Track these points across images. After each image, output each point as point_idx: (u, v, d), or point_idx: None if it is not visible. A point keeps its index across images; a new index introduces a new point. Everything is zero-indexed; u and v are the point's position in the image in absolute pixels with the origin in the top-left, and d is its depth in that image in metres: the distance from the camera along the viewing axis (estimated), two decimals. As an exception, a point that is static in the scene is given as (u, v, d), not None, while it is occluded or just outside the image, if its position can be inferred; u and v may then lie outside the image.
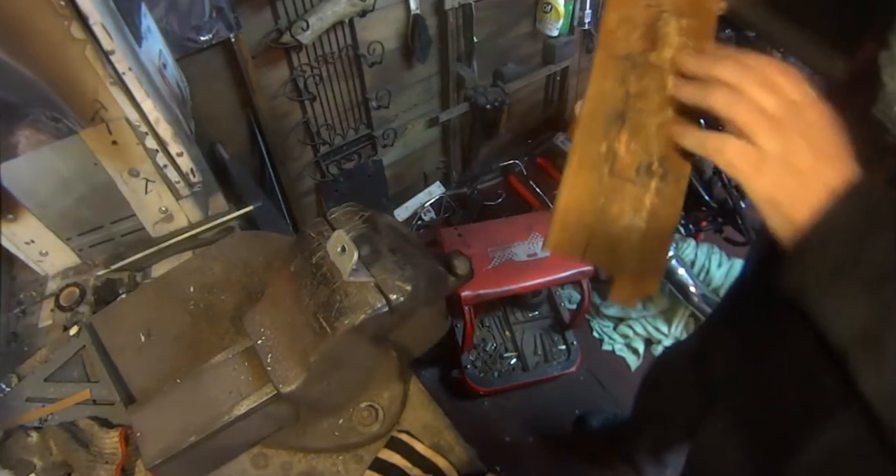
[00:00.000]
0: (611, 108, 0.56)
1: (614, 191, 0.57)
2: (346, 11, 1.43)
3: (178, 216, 0.98)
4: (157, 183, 0.90)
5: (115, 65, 0.73)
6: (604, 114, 0.57)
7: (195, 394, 0.67)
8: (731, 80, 0.46)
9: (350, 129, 1.76)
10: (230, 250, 0.90)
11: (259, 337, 0.67)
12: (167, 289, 0.87)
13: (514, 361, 1.78)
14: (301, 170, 1.77)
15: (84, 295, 0.92)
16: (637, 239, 0.57)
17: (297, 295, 0.64)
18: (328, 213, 0.67)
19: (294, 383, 0.64)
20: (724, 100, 0.46)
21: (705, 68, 0.48)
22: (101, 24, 0.69)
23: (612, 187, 0.57)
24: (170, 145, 0.86)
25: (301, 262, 0.65)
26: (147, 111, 0.80)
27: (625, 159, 0.56)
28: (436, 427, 0.76)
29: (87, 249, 0.97)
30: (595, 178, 0.57)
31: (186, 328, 0.82)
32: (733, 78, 0.46)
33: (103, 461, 0.73)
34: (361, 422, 0.74)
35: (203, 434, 0.65)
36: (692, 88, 0.49)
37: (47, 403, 0.77)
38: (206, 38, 1.24)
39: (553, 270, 1.54)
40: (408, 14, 1.62)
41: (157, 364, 0.78)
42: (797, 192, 0.45)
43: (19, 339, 0.90)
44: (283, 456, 0.74)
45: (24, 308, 0.94)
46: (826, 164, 0.45)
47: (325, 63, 1.53)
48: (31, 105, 0.75)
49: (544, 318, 1.86)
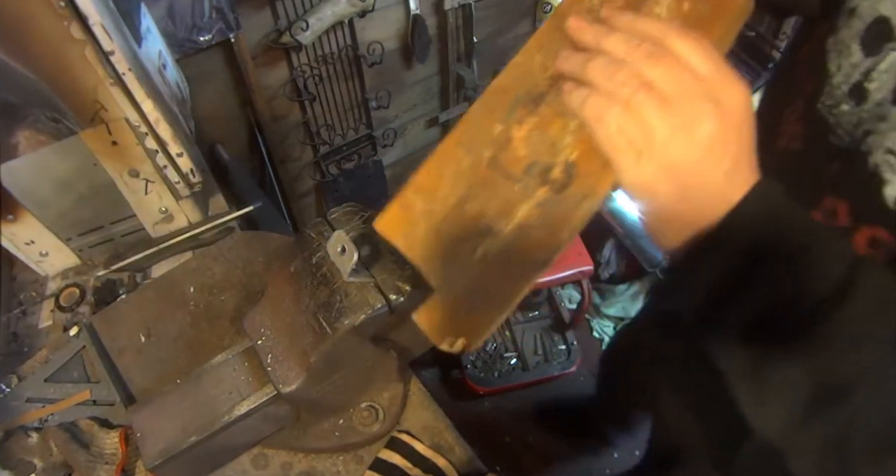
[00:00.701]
0: (529, 86, 0.43)
1: (484, 185, 0.44)
2: (346, 12, 1.43)
3: (178, 216, 0.98)
4: (156, 183, 0.90)
5: (115, 65, 0.73)
6: (516, 90, 0.44)
7: (195, 394, 0.67)
8: (615, 50, 0.36)
9: (350, 129, 1.76)
10: (230, 250, 0.90)
11: (259, 337, 0.67)
12: (167, 289, 0.87)
13: (514, 361, 1.78)
14: (301, 170, 1.77)
15: (84, 295, 0.92)
16: (487, 254, 0.44)
17: (297, 295, 0.64)
18: (328, 213, 0.67)
19: (294, 383, 0.64)
20: (602, 72, 0.36)
21: (596, 36, 0.38)
22: (101, 25, 0.69)
23: (484, 180, 0.44)
24: (170, 146, 0.86)
25: (301, 263, 0.65)
26: (147, 112, 0.80)
27: (518, 151, 0.43)
28: (436, 427, 0.76)
29: (87, 250, 0.97)
30: (468, 162, 0.45)
31: (186, 328, 0.82)
32: (619, 48, 0.36)
33: (103, 461, 0.73)
34: (361, 422, 0.74)
35: (203, 434, 0.65)
36: (572, 61, 0.38)
37: (47, 404, 0.76)
38: (205, 39, 1.24)
39: (553, 270, 1.54)
40: (407, 14, 1.62)
41: (157, 364, 0.78)
42: (684, 197, 0.36)
43: (19, 340, 0.90)
44: (283, 456, 0.74)
45: (25, 309, 0.94)
46: (730, 165, 0.35)
47: (324, 63, 1.53)
48: (31, 105, 0.75)
49: (544, 318, 1.86)
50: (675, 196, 0.36)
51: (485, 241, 0.44)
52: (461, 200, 0.45)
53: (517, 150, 0.44)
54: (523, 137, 0.43)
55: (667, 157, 0.35)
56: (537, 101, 0.43)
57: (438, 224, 0.46)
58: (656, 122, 0.34)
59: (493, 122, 0.44)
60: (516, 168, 0.43)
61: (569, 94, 0.38)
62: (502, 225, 0.44)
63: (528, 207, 0.43)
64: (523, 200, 0.43)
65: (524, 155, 0.43)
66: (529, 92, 0.44)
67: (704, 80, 0.34)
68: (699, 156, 0.34)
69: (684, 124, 0.34)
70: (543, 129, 0.43)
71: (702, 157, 0.34)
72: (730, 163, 0.35)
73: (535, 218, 0.43)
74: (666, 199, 0.36)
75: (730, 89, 0.35)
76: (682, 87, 0.34)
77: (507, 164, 0.44)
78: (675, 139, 0.34)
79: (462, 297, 0.45)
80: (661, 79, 0.34)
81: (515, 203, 0.43)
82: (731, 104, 0.34)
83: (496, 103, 0.45)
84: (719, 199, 0.36)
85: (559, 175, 0.42)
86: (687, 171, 0.35)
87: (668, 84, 0.34)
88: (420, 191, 0.47)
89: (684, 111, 0.34)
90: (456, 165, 0.45)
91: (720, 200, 0.36)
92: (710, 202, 0.36)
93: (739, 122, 0.35)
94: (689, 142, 0.34)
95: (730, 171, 0.35)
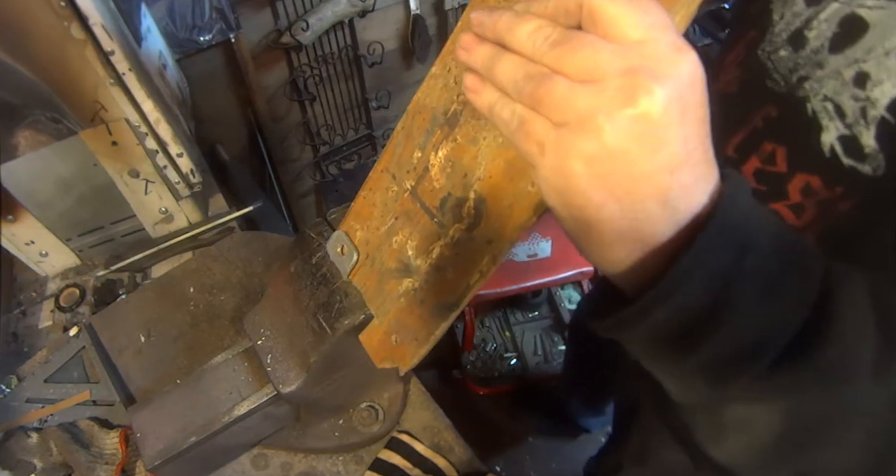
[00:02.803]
0: (446, 101, 0.36)
1: (408, 217, 0.40)
2: (346, 12, 1.43)
3: (178, 217, 0.98)
4: (156, 184, 0.90)
5: (115, 65, 0.73)
6: (434, 108, 0.37)
7: (195, 394, 0.67)
8: (516, 44, 0.29)
9: (350, 129, 1.76)
10: (230, 251, 0.90)
11: (259, 337, 0.67)
12: (167, 289, 0.87)
13: (514, 362, 1.78)
14: (301, 170, 1.77)
15: (84, 296, 0.92)
16: (407, 292, 0.42)
17: (297, 295, 0.64)
18: (328, 214, 0.67)
19: (294, 384, 0.64)
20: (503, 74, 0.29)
21: (496, 29, 0.30)
22: (101, 25, 0.69)
23: (408, 212, 0.40)
24: (170, 146, 0.86)
25: (301, 263, 0.65)
26: (147, 112, 0.80)
27: (434, 181, 0.38)
28: (436, 427, 0.76)
29: (87, 250, 0.97)
30: (394, 192, 0.41)
31: (186, 329, 0.82)
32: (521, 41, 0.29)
33: (103, 462, 0.73)
34: (361, 422, 0.74)
35: (203, 435, 0.65)
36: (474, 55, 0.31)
37: (47, 404, 0.77)
38: (206, 39, 1.24)
39: (553, 271, 1.54)
40: (408, 14, 1.62)
41: (157, 365, 0.78)
42: (618, 205, 0.28)
43: (19, 340, 0.90)
44: (282, 456, 0.74)
45: (24, 309, 0.94)
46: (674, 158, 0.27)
47: (324, 63, 1.53)
48: (32, 106, 0.75)
49: (544, 318, 1.86)
50: (601, 202, 0.28)
51: (405, 279, 0.41)
52: (389, 232, 0.42)
53: (434, 181, 0.38)
54: (440, 167, 0.38)
55: (581, 151, 0.27)
56: (452, 122, 0.37)
57: (372, 254, 0.44)
58: (563, 113, 0.27)
59: (413, 147, 0.39)
60: (433, 201, 0.39)
61: (473, 95, 0.31)
62: (420, 263, 0.40)
63: (443, 246, 0.39)
64: (440, 238, 0.39)
65: (440, 187, 0.38)
66: (446, 109, 0.37)
67: (634, 51, 0.26)
68: (626, 147, 0.26)
69: (604, 107, 0.26)
70: (457, 158, 0.37)
71: (630, 148, 0.27)
72: (674, 155, 0.27)
73: (448, 258, 0.39)
74: (592, 209, 0.28)
75: (671, 59, 0.26)
76: (600, 66, 0.26)
77: (425, 197, 0.39)
78: (589, 128, 0.27)
79: (390, 328, 0.44)
80: (572, 67, 0.27)
81: (433, 240, 0.39)
82: (672, 77, 0.26)
83: (416, 124, 0.39)
84: (665, 206, 0.28)
85: (470, 212, 0.37)
86: (611, 167, 0.27)
87: (581, 70, 0.27)
88: (357, 218, 0.45)
89: (602, 93, 0.26)
90: (384, 194, 0.42)
91: (666, 206, 0.28)
92: (654, 209, 0.28)
93: (683, 102, 0.27)
94: (612, 131, 0.26)
95: (676, 166, 0.27)
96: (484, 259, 0.37)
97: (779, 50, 0.46)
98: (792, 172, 0.46)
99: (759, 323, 0.30)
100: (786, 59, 0.45)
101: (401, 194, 0.41)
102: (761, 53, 0.47)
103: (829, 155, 0.42)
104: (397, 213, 0.41)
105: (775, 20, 0.46)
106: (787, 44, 0.46)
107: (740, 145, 0.50)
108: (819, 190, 0.44)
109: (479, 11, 0.30)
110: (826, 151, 0.42)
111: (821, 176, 0.44)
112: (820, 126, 0.43)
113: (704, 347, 0.30)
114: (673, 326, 0.30)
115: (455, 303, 0.39)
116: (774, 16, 0.46)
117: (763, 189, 0.48)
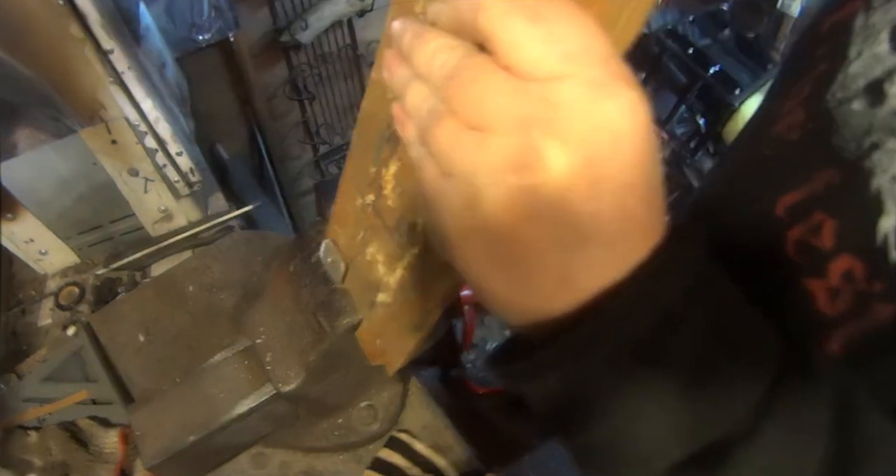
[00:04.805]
0: (387, 114, 0.31)
1: (375, 231, 0.38)
2: (345, 11, 1.43)
3: (178, 215, 0.98)
4: (156, 182, 0.90)
5: (115, 64, 0.73)
6: (379, 118, 0.34)
7: (194, 393, 0.67)
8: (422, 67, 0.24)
9: (350, 128, 1.76)
10: (229, 250, 0.90)
11: (258, 336, 0.67)
12: (166, 288, 0.86)
13: (513, 361, 1.78)
14: (300, 169, 1.77)
15: (83, 294, 0.92)
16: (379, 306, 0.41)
17: (297, 294, 0.64)
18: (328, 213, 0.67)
19: (293, 383, 0.63)
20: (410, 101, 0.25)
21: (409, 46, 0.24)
22: (100, 23, 0.69)
23: (373, 226, 0.38)
24: (169, 145, 0.85)
25: (300, 262, 0.65)
26: (146, 111, 0.80)
27: (388, 200, 0.35)
28: (435, 427, 0.76)
29: (87, 248, 0.96)
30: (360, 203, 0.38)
31: (186, 327, 0.82)
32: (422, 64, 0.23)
33: (102, 461, 0.73)
34: (361, 421, 0.74)
35: (202, 433, 0.64)
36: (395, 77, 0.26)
37: (46, 403, 0.76)
38: (205, 38, 1.24)
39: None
40: (407, 13, 1.62)
41: (156, 363, 0.78)
42: (507, 287, 0.24)
43: (18, 339, 0.90)
44: (282, 455, 0.74)
45: (24, 307, 0.94)
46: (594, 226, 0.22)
47: (324, 62, 1.53)
48: (31, 104, 0.75)
49: (544, 317, 1.86)
50: (484, 273, 0.24)
51: (379, 292, 0.40)
52: (363, 242, 0.40)
53: (388, 199, 0.35)
54: (392, 186, 0.35)
55: (458, 215, 0.23)
56: (395, 139, 0.33)
57: (352, 262, 0.43)
58: (448, 164, 0.22)
59: (368, 160, 0.36)
60: (391, 221, 0.36)
61: (399, 128, 0.26)
62: (389, 279, 0.38)
63: (404, 267, 0.36)
64: (403, 257, 0.36)
65: (395, 207, 0.35)
66: (389, 122, 0.32)
67: (535, 94, 0.20)
68: (505, 220, 0.21)
69: (484, 168, 0.21)
70: (404, 179, 0.34)
71: (511, 223, 0.21)
72: (573, 234, 0.22)
73: (408, 281, 0.37)
74: (475, 276, 0.24)
75: (585, 108, 0.20)
76: (488, 112, 0.21)
77: (384, 214, 0.36)
78: (468, 190, 0.22)
79: (375, 332, 0.45)
80: (461, 106, 0.21)
81: (397, 259, 0.37)
82: (581, 135, 0.20)
83: (367, 134, 0.35)
84: (562, 284, 0.23)
85: (421, 238, 0.34)
86: (489, 236, 0.22)
87: (470, 113, 0.21)
88: (338, 223, 0.44)
89: (485, 149, 0.21)
90: (352, 204, 0.39)
91: (563, 285, 0.23)
92: (548, 287, 0.23)
93: (594, 170, 0.20)
94: (492, 199, 0.21)
95: (576, 245, 0.22)
96: (439, 289, 0.34)
97: (852, 101, 0.37)
98: (836, 251, 0.38)
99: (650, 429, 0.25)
100: (859, 115, 0.37)
101: (365, 207, 0.38)
102: (830, 99, 0.38)
103: (881, 243, 0.35)
104: (366, 225, 0.39)
105: (851, 57, 0.37)
106: (862, 95, 0.37)
107: (793, 208, 0.42)
108: (859, 280, 0.37)
109: (397, 22, 0.25)
110: (879, 239, 0.35)
111: (864, 264, 0.36)
112: (882, 208, 0.35)
113: (588, 432, 0.25)
114: (561, 399, 0.25)
115: (419, 325, 0.37)
116: (851, 50, 0.37)
117: (800, 264, 0.40)
